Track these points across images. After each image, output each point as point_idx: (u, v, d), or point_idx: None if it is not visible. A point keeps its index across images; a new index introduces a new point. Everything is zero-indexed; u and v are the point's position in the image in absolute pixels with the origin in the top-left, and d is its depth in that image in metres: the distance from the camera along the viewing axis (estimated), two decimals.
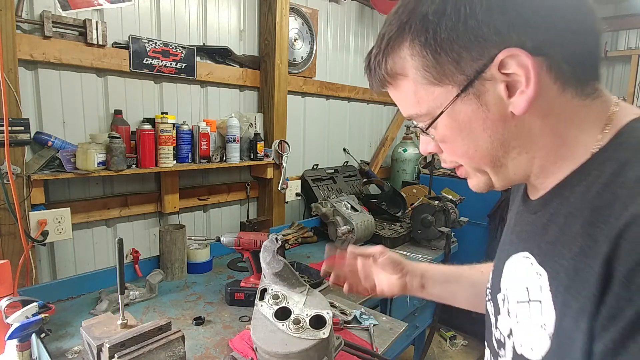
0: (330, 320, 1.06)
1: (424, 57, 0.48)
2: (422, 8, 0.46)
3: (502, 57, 0.44)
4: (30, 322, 1.09)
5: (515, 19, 0.43)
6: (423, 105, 0.51)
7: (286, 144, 2.39)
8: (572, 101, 0.47)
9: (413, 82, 0.50)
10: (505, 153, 0.50)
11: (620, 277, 0.37)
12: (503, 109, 0.47)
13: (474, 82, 0.46)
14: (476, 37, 0.44)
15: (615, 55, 3.23)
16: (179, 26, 1.98)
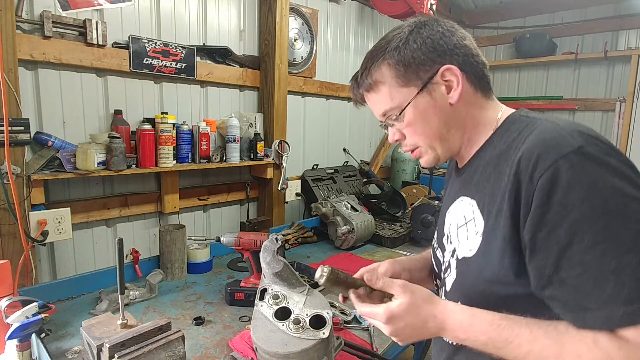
0: (330, 320, 1.06)
1: (396, 70, 0.77)
2: (394, 42, 0.77)
3: (443, 69, 0.75)
4: (30, 322, 1.09)
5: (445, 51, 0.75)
6: (395, 101, 0.79)
7: (286, 144, 2.39)
8: (481, 100, 0.79)
9: (389, 86, 0.79)
10: (448, 131, 0.79)
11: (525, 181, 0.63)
12: (445, 101, 0.77)
13: (427, 85, 0.76)
14: (428, 58, 0.75)
15: (615, 55, 3.22)
16: (179, 26, 1.98)
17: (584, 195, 0.57)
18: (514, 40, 3.71)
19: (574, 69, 3.52)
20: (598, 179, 0.58)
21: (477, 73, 0.77)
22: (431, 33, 0.76)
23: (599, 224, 0.56)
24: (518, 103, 3.81)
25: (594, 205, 0.57)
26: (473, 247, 0.73)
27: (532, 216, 0.61)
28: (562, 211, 0.58)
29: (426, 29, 0.76)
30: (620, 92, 3.28)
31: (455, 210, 0.82)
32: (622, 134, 3.11)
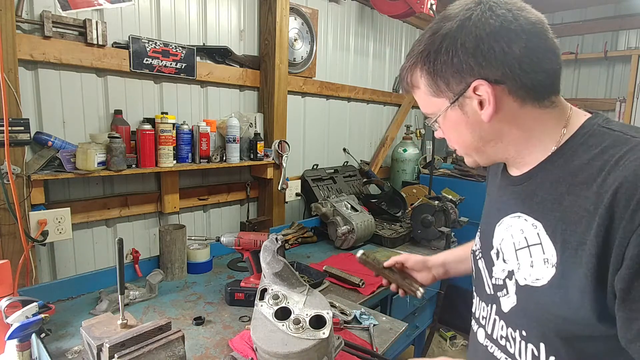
0: (330, 320, 1.06)
1: (428, 79, 0.71)
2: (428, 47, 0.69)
3: (475, 84, 0.66)
4: (30, 322, 1.09)
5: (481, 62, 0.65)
6: (430, 109, 0.75)
7: (286, 144, 2.39)
8: (533, 111, 0.68)
9: (423, 92, 0.74)
10: (484, 145, 0.72)
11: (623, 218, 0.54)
12: (478, 116, 0.69)
13: (459, 98, 0.69)
14: (459, 70, 0.66)
15: (615, 55, 3.23)
16: (179, 26, 1.98)
17: None
18: None
19: (574, 69, 3.53)
20: None
21: (526, 84, 0.65)
22: (467, 40, 0.64)
23: None
24: None
25: None
26: (541, 277, 0.65)
27: (629, 264, 0.53)
28: None
29: (464, 33, 0.64)
30: (620, 92, 3.28)
31: (509, 227, 0.74)
32: None
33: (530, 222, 0.68)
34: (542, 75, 0.65)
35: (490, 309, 0.79)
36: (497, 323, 0.76)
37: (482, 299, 0.83)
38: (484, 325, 0.81)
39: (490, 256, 0.79)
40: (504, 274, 0.74)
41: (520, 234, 0.70)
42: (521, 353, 0.71)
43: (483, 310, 0.82)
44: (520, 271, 0.70)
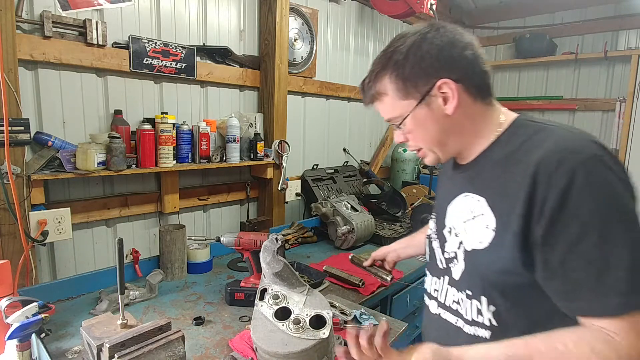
0: (330, 320, 1.06)
1: (396, 83, 0.83)
2: (395, 56, 0.82)
3: (440, 83, 0.79)
4: (30, 322, 1.09)
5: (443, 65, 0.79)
6: (397, 111, 0.86)
7: (286, 144, 2.39)
8: (481, 107, 0.84)
9: (391, 97, 0.85)
10: (446, 137, 0.85)
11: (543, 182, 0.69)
12: (442, 112, 0.82)
13: (425, 98, 0.81)
14: (425, 73, 0.80)
15: (615, 55, 3.22)
16: (179, 26, 1.98)
17: (596, 200, 0.66)
18: (514, 40, 3.71)
19: (574, 69, 3.52)
20: (609, 186, 0.66)
21: (476, 83, 0.81)
22: (431, 47, 0.79)
23: (606, 226, 0.65)
24: (518, 103, 3.81)
25: (603, 209, 0.65)
26: (483, 240, 0.79)
27: (547, 215, 0.68)
28: (575, 211, 0.66)
29: (426, 42, 0.79)
30: (620, 92, 3.28)
31: (459, 205, 0.87)
32: (622, 134, 3.11)
33: (476, 199, 0.82)
34: (485, 76, 0.83)
35: (443, 281, 0.92)
36: (449, 291, 0.90)
37: (434, 274, 0.97)
38: (436, 297, 0.95)
39: (443, 235, 0.93)
40: (455, 247, 0.88)
41: (468, 209, 0.84)
42: (467, 310, 0.85)
43: (435, 284, 0.95)
44: (468, 239, 0.84)
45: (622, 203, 0.67)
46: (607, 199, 0.66)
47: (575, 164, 0.67)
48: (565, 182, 0.67)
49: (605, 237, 0.65)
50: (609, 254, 0.65)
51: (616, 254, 0.64)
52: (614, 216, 0.65)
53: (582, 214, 0.66)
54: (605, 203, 0.66)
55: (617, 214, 0.66)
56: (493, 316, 0.80)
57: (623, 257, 0.64)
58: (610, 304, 0.65)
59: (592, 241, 0.65)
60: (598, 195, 0.66)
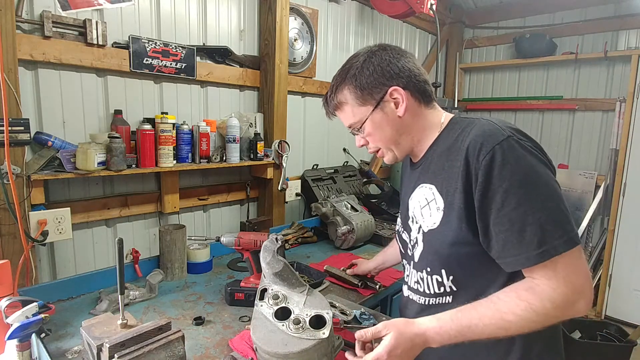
0: (330, 320, 1.06)
1: (355, 92, 0.99)
2: (352, 70, 0.99)
3: (391, 90, 0.96)
4: (30, 322, 1.09)
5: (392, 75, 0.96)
6: (356, 117, 1.02)
7: (286, 144, 2.39)
8: (425, 110, 1.00)
9: (351, 105, 1.01)
10: (400, 136, 1.00)
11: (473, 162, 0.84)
12: (395, 114, 0.98)
13: (380, 103, 0.97)
14: (378, 82, 0.96)
15: (615, 55, 3.22)
16: (179, 26, 1.98)
17: (512, 171, 0.79)
18: (514, 40, 3.71)
19: (574, 69, 3.52)
20: (522, 159, 0.80)
21: (419, 89, 0.98)
22: (380, 61, 0.96)
23: (521, 192, 0.78)
24: (518, 103, 3.81)
25: (519, 178, 0.79)
26: (436, 220, 0.92)
27: (478, 188, 0.82)
28: (498, 182, 0.80)
29: (376, 57, 0.97)
30: (620, 92, 3.28)
31: (416, 196, 1.00)
32: (622, 134, 3.11)
33: (428, 187, 0.96)
34: (424, 84, 0.99)
35: (410, 265, 1.05)
36: (414, 273, 1.03)
37: (406, 262, 1.10)
38: (407, 281, 1.08)
39: (408, 225, 1.05)
40: (416, 232, 1.00)
41: (423, 197, 0.97)
42: (429, 286, 0.98)
43: (406, 270, 1.09)
44: (425, 223, 0.96)
45: (534, 171, 0.80)
46: (522, 169, 0.79)
47: (494, 145, 0.81)
48: (488, 160, 0.80)
49: (523, 200, 0.78)
50: (526, 214, 0.77)
51: (532, 213, 0.77)
52: (528, 182, 0.78)
53: (503, 183, 0.79)
54: (521, 172, 0.79)
55: (531, 180, 0.79)
56: (452, 283, 0.93)
57: (537, 215, 0.77)
58: (530, 255, 0.77)
59: (512, 205, 0.78)
60: (514, 167, 0.79)
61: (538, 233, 0.77)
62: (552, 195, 0.79)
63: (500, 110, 3.93)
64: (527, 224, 0.77)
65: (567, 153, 3.63)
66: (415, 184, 1.02)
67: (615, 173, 3.18)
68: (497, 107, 3.93)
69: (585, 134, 3.53)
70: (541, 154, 0.83)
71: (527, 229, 0.77)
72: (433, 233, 0.93)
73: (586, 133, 3.52)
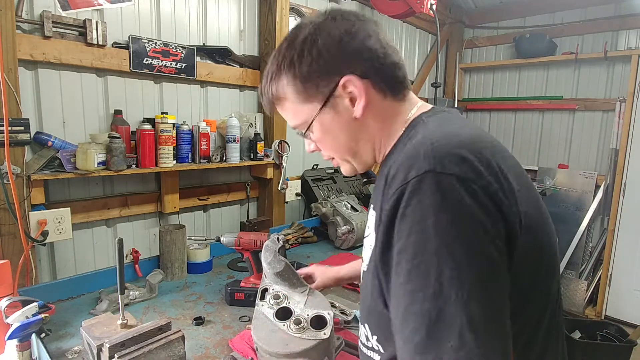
0: (331, 320, 1.06)
1: (295, 85, 0.70)
2: (289, 53, 0.69)
3: (343, 81, 0.67)
4: (30, 322, 1.09)
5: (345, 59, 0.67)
6: (300, 118, 0.74)
7: (286, 143, 2.39)
8: (392, 103, 0.71)
9: (291, 102, 0.73)
10: (357, 145, 0.73)
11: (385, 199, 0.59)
12: (350, 115, 0.70)
13: (329, 99, 0.69)
14: (325, 70, 0.68)
15: (615, 55, 3.22)
16: (179, 26, 1.98)
17: (410, 228, 0.53)
18: (514, 40, 3.71)
19: (574, 69, 3.52)
20: (429, 213, 0.52)
21: (384, 76, 0.69)
22: (327, 40, 0.67)
23: (413, 262, 0.52)
24: (518, 103, 3.81)
25: (416, 240, 0.53)
26: (367, 261, 0.68)
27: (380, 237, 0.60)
28: (397, 238, 0.55)
29: (322, 35, 0.67)
30: (620, 92, 3.28)
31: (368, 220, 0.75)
32: (622, 134, 3.11)
33: (372, 213, 0.69)
34: (393, 68, 0.70)
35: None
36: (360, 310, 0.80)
37: None
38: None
39: None
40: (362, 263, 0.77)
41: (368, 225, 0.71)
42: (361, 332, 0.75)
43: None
44: (365, 257, 0.72)
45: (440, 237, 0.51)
46: (421, 229, 0.52)
47: (403, 182, 0.55)
48: (393, 202, 0.56)
49: (412, 275, 0.52)
50: (414, 296, 0.52)
51: (421, 299, 0.51)
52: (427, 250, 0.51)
53: (399, 242, 0.55)
54: (420, 232, 0.52)
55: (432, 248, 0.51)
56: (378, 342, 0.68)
57: (427, 304, 0.50)
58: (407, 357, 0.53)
59: (402, 277, 0.54)
60: (416, 223, 0.53)
61: (421, 332, 0.50)
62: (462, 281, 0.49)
63: (500, 110, 3.93)
64: (411, 313, 0.52)
65: (567, 153, 3.63)
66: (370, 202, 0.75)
67: (615, 173, 3.18)
68: (497, 107, 3.93)
69: (585, 134, 3.53)
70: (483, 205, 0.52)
71: (410, 320, 0.52)
72: (364, 276, 0.70)
73: (586, 133, 3.52)
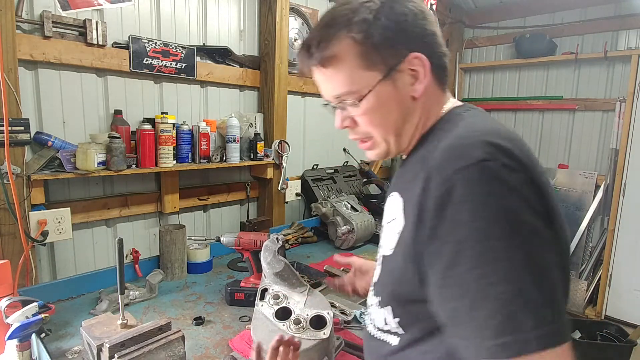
0: (331, 320, 1.06)
1: (362, 48, 0.66)
2: (362, 12, 0.65)
3: (412, 57, 0.66)
4: (30, 322, 1.09)
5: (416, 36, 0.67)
6: (355, 85, 0.68)
7: (286, 144, 2.39)
8: (439, 93, 0.73)
9: (349, 65, 0.67)
10: (404, 125, 0.71)
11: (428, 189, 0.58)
12: (407, 93, 0.69)
13: (392, 72, 0.67)
14: (397, 41, 0.66)
15: (615, 55, 3.22)
16: (179, 26, 1.98)
17: (473, 215, 0.52)
18: (514, 40, 3.71)
19: (574, 69, 3.52)
20: (491, 198, 0.52)
21: (441, 64, 0.71)
22: (404, 12, 0.66)
23: (480, 247, 0.52)
24: (518, 103, 3.81)
25: (480, 226, 0.52)
26: (392, 245, 0.68)
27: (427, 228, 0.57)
28: (451, 228, 0.54)
29: (399, 4, 0.66)
30: (620, 92, 3.28)
31: (387, 206, 0.76)
32: (622, 134, 3.11)
33: (397, 199, 0.70)
34: (445, 58, 0.72)
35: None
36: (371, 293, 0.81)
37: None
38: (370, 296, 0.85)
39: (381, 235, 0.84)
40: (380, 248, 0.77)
41: (390, 210, 0.73)
42: (377, 317, 0.74)
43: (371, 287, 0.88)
44: (385, 243, 0.72)
45: (507, 219, 0.52)
46: (485, 214, 0.52)
47: (454, 171, 0.55)
48: (442, 191, 0.55)
49: (482, 261, 0.51)
50: (484, 283, 0.51)
51: (493, 283, 0.50)
52: (494, 235, 0.51)
53: (458, 231, 0.53)
54: (484, 219, 0.52)
55: (499, 233, 0.51)
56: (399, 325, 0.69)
57: (501, 287, 0.50)
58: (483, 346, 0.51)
59: (465, 265, 0.52)
60: (477, 210, 0.52)
61: (498, 316, 0.50)
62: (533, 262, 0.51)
63: (500, 110, 3.93)
64: (483, 298, 0.51)
65: (567, 153, 3.63)
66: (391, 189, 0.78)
67: (615, 173, 3.18)
68: (497, 107, 3.93)
69: (585, 134, 3.53)
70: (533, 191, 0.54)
71: (482, 306, 0.51)
72: (387, 261, 0.71)
73: (586, 133, 3.52)
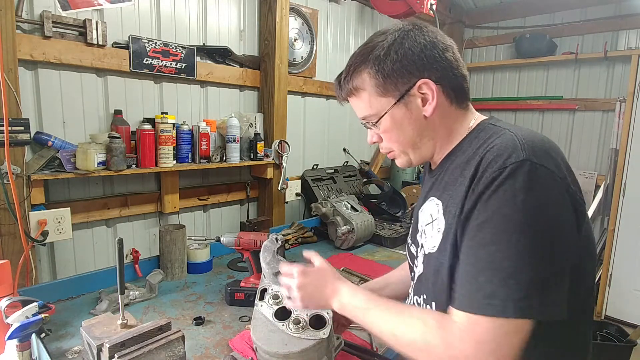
0: (331, 320, 1.06)
1: (376, 79, 0.81)
2: (376, 51, 0.81)
3: (420, 83, 0.79)
4: (30, 322, 1.09)
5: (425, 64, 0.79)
6: (374, 109, 0.85)
7: (286, 144, 2.39)
8: (455, 110, 0.84)
9: (369, 93, 0.84)
10: (420, 140, 0.84)
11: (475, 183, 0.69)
12: (420, 113, 0.81)
13: (404, 96, 0.81)
14: (407, 71, 0.79)
15: (615, 55, 3.22)
16: (179, 26, 1.99)
17: (502, 202, 0.64)
18: (514, 40, 3.71)
19: (574, 69, 3.52)
20: (521, 192, 0.63)
21: (454, 86, 0.81)
22: (413, 45, 0.79)
23: (499, 228, 0.64)
24: (518, 103, 3.81)
25: (504, 212, 0.64)
26: (435, 244, 0.79)
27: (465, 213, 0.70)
28: (482, 209, 0.67)
29: (409, 40, 0.79)
30: (620, 92, 3.28)
31: (425, 210, 0.88)
32: (622, 134, 3.11)
33: (435, 202, 0.83)
34: (462, 80, 0.82)
35: (413, 282, 0.94)
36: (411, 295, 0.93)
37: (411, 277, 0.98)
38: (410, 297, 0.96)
39: (417, 240, 0.93)
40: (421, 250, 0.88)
41: (429, 212, 0.84)
42: None
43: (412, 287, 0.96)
44: (426, 243, 0.84)
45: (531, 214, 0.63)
46: (517, 204, 0.63)
47: (502, 166, 0.66)
48: (486, 184, 0.67)
49: (496, 239, 0.64)
50: (493, 256, 0.64)
51: (499, 258, 0.63)
52: (514, 223, 0.63)
53: (486, 212, 0.66)
54: (512, 208, 0.63)
55: (520, 222, 0.63)
56: None
57: (511, 262, 0.62)
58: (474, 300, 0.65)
59: (485, 239, 0.65)
60: (508, 199, 0.64)
61: (495, 281, 0.63)
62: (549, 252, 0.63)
63: (500, 110, 3.93)
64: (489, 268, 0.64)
65: (567, 153, 3.63)
66: (426, 195, 0.89)
67: (615, 173, 3.18)
68: (497, 107, 3.93)
69: (585, 134, 3.53)
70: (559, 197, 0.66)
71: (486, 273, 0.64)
72: (431, 258, 0.81)
73: (586, 133, 3.52)
